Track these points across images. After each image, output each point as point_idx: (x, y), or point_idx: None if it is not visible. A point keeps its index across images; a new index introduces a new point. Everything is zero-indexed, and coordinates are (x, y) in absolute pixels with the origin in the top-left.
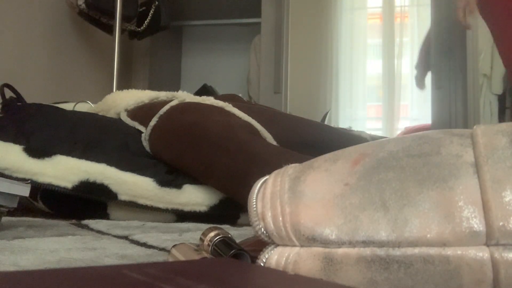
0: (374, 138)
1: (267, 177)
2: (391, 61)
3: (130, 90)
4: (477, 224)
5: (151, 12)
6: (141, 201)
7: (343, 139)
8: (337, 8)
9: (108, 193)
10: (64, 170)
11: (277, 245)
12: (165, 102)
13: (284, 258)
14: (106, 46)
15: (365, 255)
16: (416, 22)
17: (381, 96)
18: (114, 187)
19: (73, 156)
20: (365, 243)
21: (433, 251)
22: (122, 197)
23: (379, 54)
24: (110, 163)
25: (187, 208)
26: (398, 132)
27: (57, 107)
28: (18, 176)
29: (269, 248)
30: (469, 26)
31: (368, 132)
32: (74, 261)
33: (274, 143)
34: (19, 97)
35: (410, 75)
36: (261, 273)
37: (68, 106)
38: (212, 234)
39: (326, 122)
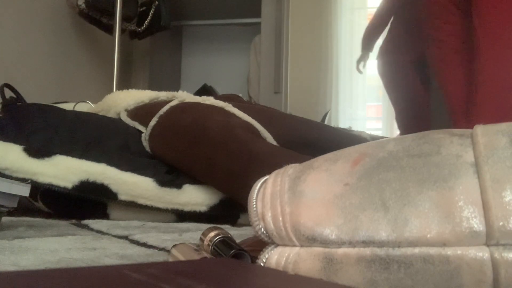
0: (374, 138)
1: (267, 177)
2: None
3: (130, 90)
4: (477, 224)
5: (151, 12)
6: (141, 201)
7: (343, 139)
8: (337, 8)
9: (108, 193)
10: (64, 170)
11: (277, 245)
12: (165, 102)
13: (284, 258)
14: (106, 46)
15: (365, 255)
16: None
17: (381, 96)
18: (114, 187)
19: (73, 156)
20: (365, 243)
21: (433, 251)
22: (122, 197)
23: None
24: (110, 163)
25: (187, 208)
26: (398, 132)
27: (57, 107)
28: (18, 176)
29: (269, 248)
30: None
31: (368, 132)
32: (74, 261)
33: (274, 143)
34: (19, 97)
35: None
36: (261, 273)
37: (68, 106)
38: (212, 234)
39: (326, 122)
